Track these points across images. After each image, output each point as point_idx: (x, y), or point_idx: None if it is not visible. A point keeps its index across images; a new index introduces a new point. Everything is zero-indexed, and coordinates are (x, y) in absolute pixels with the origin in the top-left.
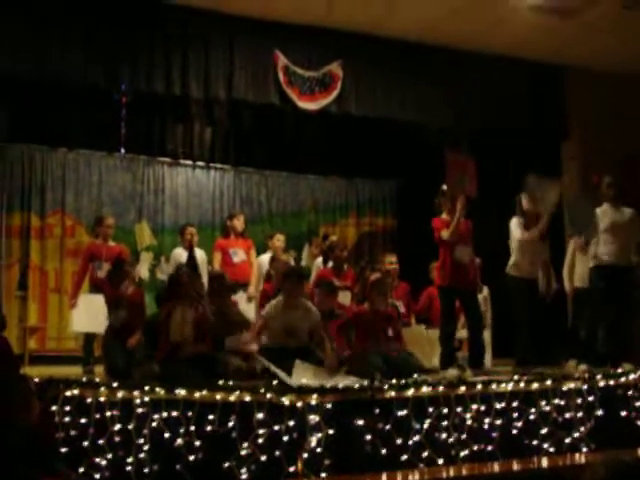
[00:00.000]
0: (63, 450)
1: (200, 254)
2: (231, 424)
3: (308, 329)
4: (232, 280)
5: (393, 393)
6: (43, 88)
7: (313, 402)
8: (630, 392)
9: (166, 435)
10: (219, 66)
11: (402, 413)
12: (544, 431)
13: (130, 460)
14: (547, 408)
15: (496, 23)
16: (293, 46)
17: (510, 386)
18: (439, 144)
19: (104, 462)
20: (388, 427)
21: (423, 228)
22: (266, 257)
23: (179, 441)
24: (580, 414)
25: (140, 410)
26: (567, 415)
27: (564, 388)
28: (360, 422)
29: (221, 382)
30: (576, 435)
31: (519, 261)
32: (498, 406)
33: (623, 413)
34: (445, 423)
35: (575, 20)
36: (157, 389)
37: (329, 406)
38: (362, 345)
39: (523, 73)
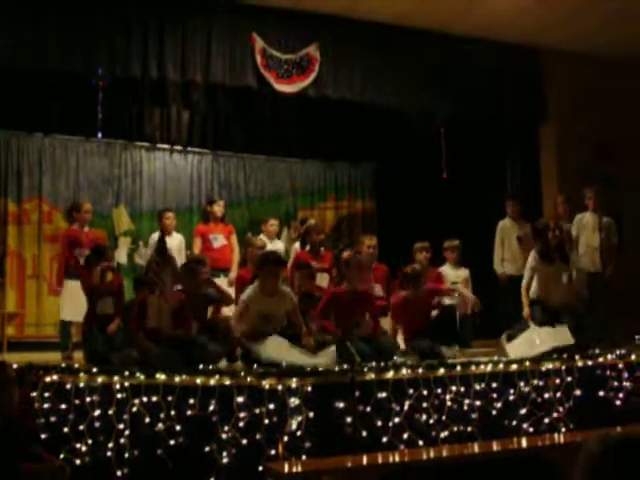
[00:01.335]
0: (43, 436)
1: (178, 239)
2: (211, 408)
3: (285, 314)
4: (212, 266)
5: (373, 375)
6: (19, 73)
7: (293, 385)
8: (608, 372)
9: (146, 420)
10: (196, 49)
11: (382, 395)
12: (523, 411)
13: (110, 445)
14: (526, 389)
15: (473, 5)
16: (270, 29)
17: (489, 367)
18: (417, 126)
19: (84, 448)
20: (368, 409)
21: (402, 210)
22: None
23: (159, 426)
24: (559, 394)
25: (120, 395)
26: (546, 395)
27: (543, 369)
28: (340, 404)
29: (201, 366)
30: (555, 415)
31: (538, 288)
32: (477, 387)
33: (601, 393)
34: (425, 405)
35: (553, 2)
36: (137, 374)
37: (309, 389)
38: (343, 325)
39: (501, 56)
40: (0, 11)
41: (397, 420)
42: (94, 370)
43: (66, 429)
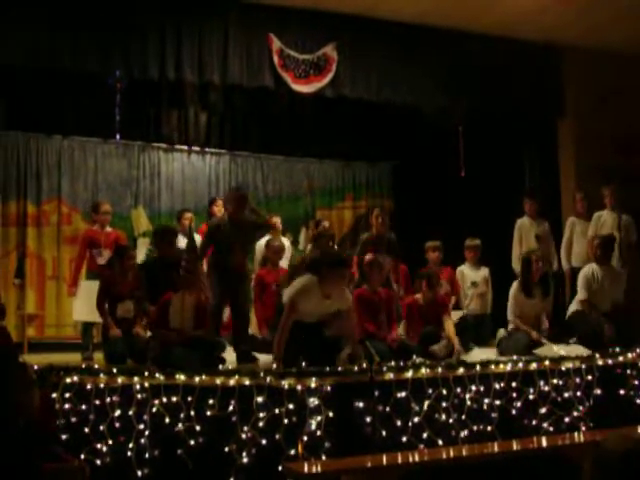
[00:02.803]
0: (64, 437)
1: (197, 239)
2: (231, 408)
3: (333, 313)
4: None
5: (392, 375)
6: (38, 75)
7: (313, 385)
8: (628, 371)
9: (166, 420)
10: (213, 50)
11: (401, 395)
12: (543, 411)
13: (131, 446)
14: (546, 388)
15: (493, 4)
16: (287, 29)
17: (509, 366)
18: (435, 125)
19: (105, 448)
20: (388, 409)
21: (420, 209)
22: (263, 241)
23: (179, 426)
24: (579, 393)
25: (140, 396)
26: (566, 395)
27: (563, 368)
28: (360, 404)
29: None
30: (575, 414)
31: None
32: (497, 386)
33: (621, 392)
34: (444, 404)
35: None
36: (157, 374)
37: (329, 389)
38: (366, 327)
39: (519, 52)
40: (17, 14)
41: (416, 420)
42: (114, 371)
43: (86, 430)
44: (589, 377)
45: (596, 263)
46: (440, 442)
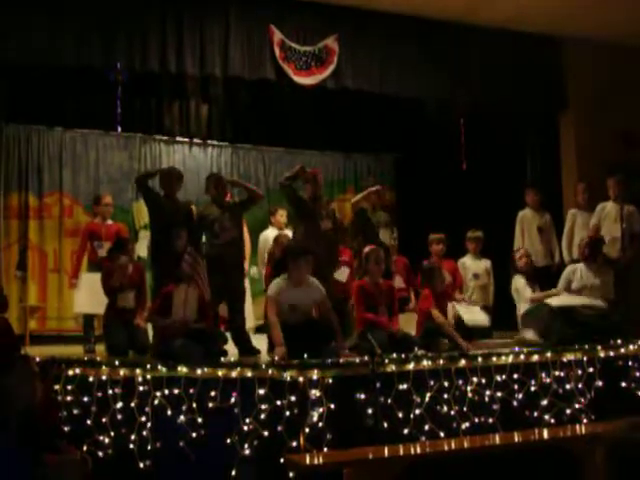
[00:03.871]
0: (66, 429)
1: None
2: (233, 400)
3: (313, 305)
4: None
5: (394, 367)
6: (39, 68)
7: (314, 377)
8: (630, 363)
9: (168, 412)
10: (214, 43)
11: (403, 387)
12: (544, 403)
13: (133, 437)
14: (547, 380)
15: None
16: (288, 21)
17: (510, 358)
18: (437, 117)
19: (107, 440)
20: (389, 401)
21: (422, 202)
22: (269, 233)
23: (181, 418)
24: (580, 385)
25: (142, 388)
26: (567, 386)
27: (564, 360)
28: (361, 396)
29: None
30: (576, 406)
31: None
32: (499, 378)
33: (623, 384)
34: (446, 396)
35: None
36: (159, 366)
37: (330, 381)
38: (366, 318)
39: (521, 44)
40: (18, 9)
41: (418, 412)
42: (116, 363)
43: (89, 422)
44: (590, 369)
45: (583, 262)
46: (442, 434)
